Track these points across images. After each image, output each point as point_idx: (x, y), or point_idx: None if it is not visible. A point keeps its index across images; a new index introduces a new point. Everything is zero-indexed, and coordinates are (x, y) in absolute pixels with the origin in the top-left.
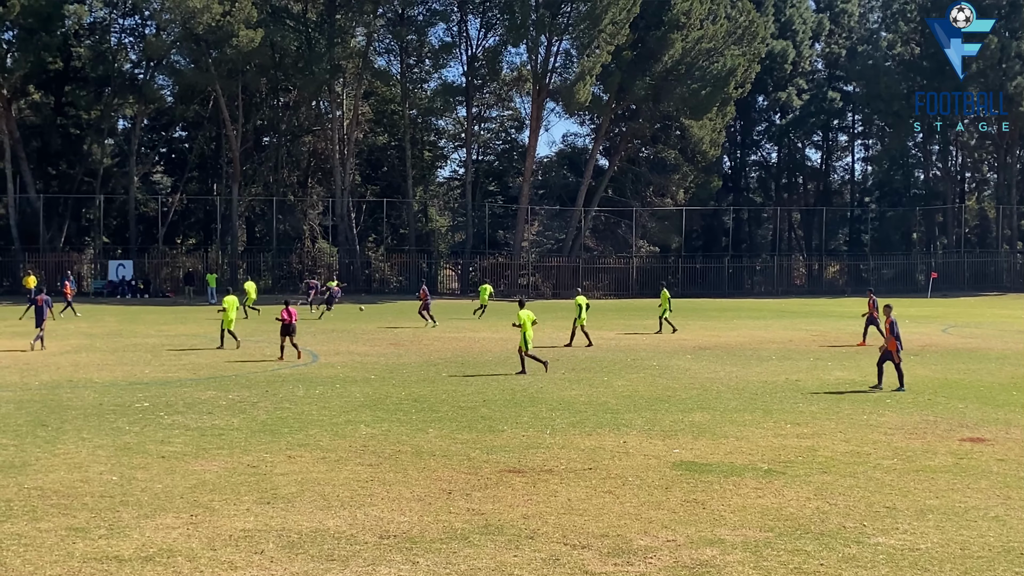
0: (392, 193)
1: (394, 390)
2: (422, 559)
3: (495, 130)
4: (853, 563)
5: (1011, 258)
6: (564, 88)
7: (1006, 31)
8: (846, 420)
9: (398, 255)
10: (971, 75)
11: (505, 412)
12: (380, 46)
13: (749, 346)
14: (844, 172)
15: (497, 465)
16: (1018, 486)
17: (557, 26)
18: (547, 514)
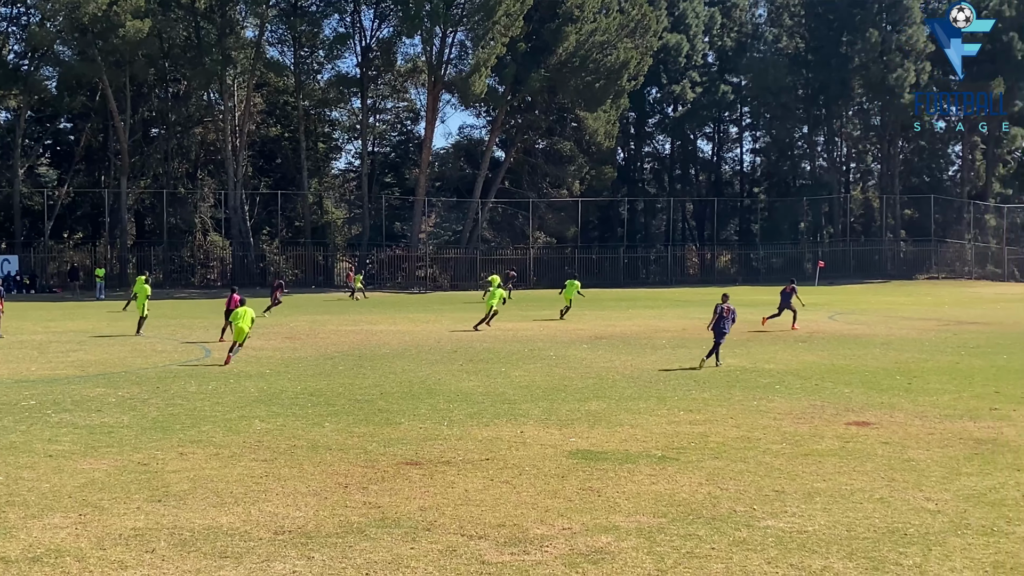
0: (286, 185)
1: (289, 384)
2: (317, 554)
3: (391, 122)
4: (743, 546)
5: (894, 246)
6: (460, 80)
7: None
8: (737, 406)
9: (293, 248)
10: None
11: (402, 404)
12: (272, 36)
13: (644, 335)
14: (735, 163)
15: (394, 458)
16: (902, 468)
17: (452, 17)
18: (444, 505)
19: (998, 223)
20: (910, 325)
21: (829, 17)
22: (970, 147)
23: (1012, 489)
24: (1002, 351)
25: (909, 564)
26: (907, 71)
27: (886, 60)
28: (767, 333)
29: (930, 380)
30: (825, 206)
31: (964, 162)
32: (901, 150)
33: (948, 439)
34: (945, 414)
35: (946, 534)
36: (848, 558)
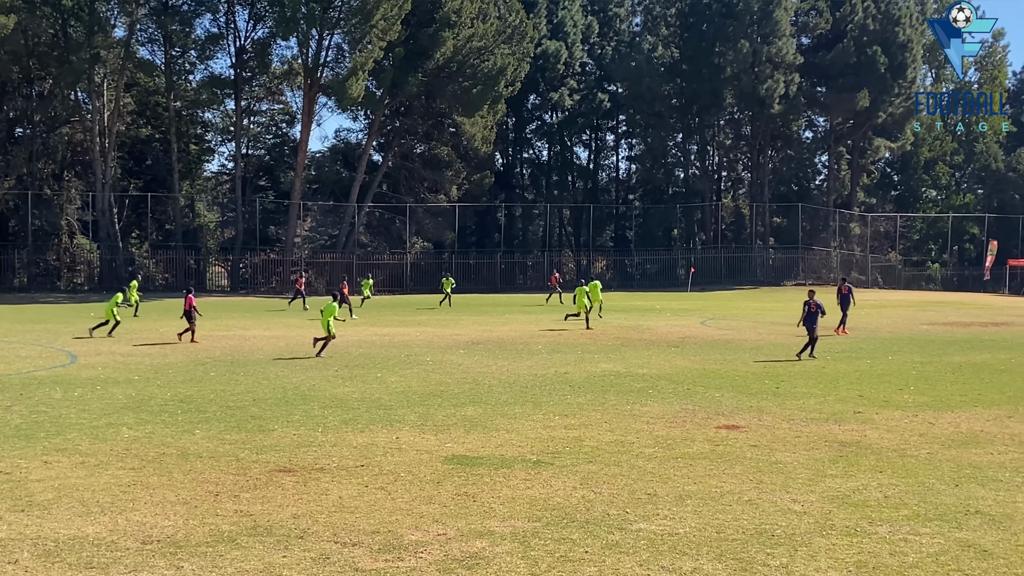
0: (157, 187)
1: (159, 391)
2: (187, 563)
3: (265, 124)
4: (616, 549)
5: (764, 253)
6: (336, 83)
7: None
8: (611, 411)
9: (164, 251)
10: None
11: (276, 411)
12: (143, 36)
13: (520, 340)
14: (611, 170)
15: (267, 465)
16: (770, 471)
17: (328, 20)
18: (318, 513)
19: (862, 231)
20: (778, 331)
21: (703, 28)
22: (836, 157)
23: (875, 490)
24: (865, 356)
25: (776, 564)
26: (777, 82)
27: (757, 71)
28: (641, 338)
29: (797, 384)
30: (698, 213)
31: (830, 172)
32: (770, 159)
33: (814, 442)
34: (811, 417)
35: (812, 535)
36: (718, 559)
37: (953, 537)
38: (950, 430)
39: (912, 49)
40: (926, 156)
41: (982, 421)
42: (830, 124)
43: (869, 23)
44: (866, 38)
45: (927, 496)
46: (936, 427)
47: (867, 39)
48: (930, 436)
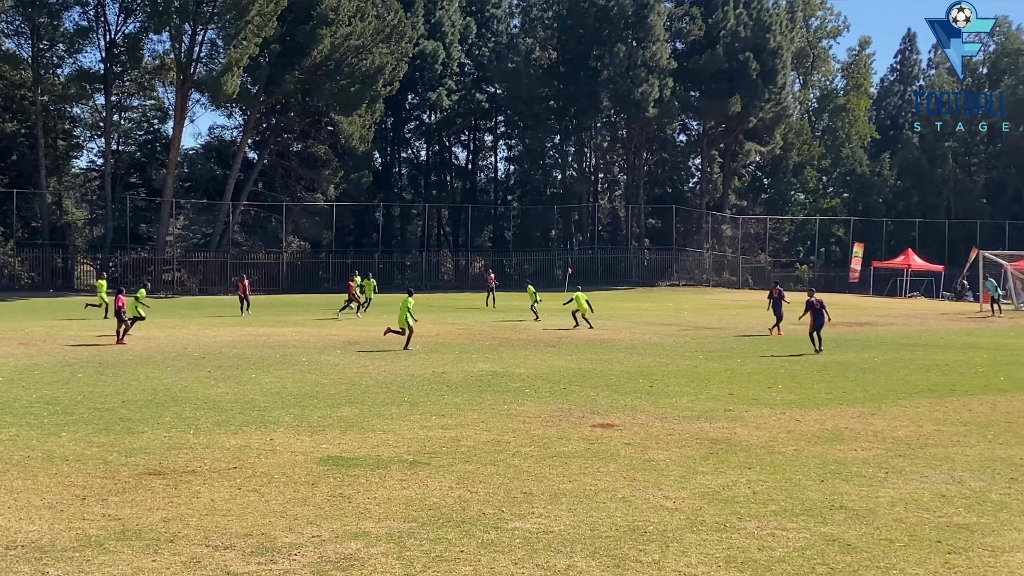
0: (23, 184)
1: (24, 392)
2: (52, 568)
3: (137, 120)
4: (491, 548)
5: (639, 254)
6: (210, 79)
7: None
8: (488, 410)
9: (30, 250)
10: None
11: (146, 413)
12: (9, 28)
13: (398, 340)
14: (489, 171)
15: (136, 468)
16: (643, 468)
17: (202, 15)
18: (189, 516)
19: (734, 233)
20: (653, 330)
21: (579, 31)
22: (709, 160)
23: (744, 487)
24: (736, 355)
25: (648, 561)
26: (651, 86)
27: (632, 75)
28: (519, 338)
29: (670, 383)
30: (575, 214)
31: (703, 174)
32: (646, 162)
33: (686, 439)
34: (684, 415)
35: (683, 531)
36: (591, 556)
37: (819, 531)
38: (816, 427)
39: (782, 56)
40: (795, 160)
41: (847, 418)
42: (703, 128)
43: (741, 30)
44: (738, 44)
45: (794, 492)
46: (803, 424)
47: (739, 45)
48: (797, 433)
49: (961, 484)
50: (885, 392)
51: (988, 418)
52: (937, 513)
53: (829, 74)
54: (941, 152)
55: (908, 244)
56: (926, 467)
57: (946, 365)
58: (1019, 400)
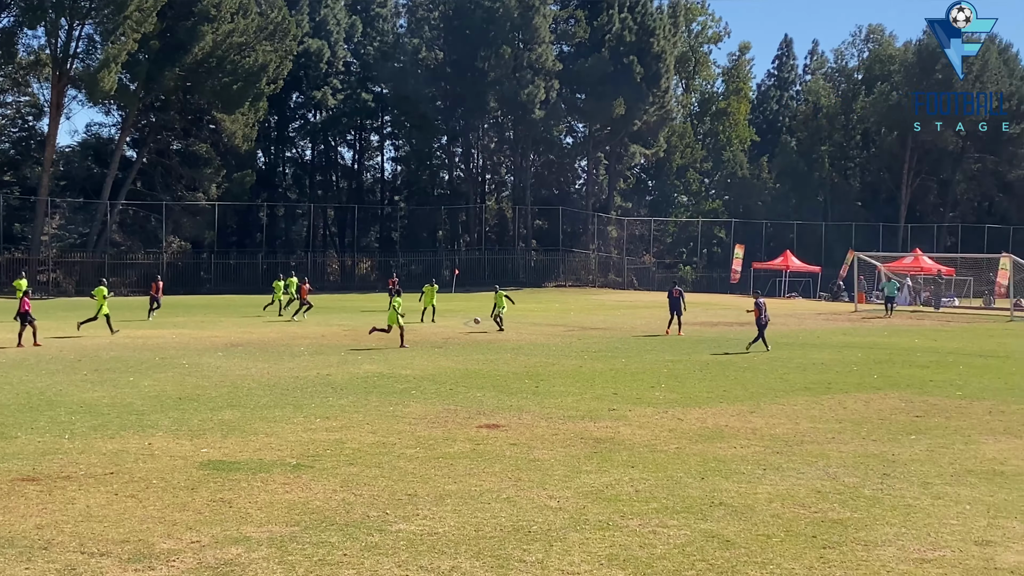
0: None
1: None
2: None
3: (11, 116)
4: (375, 551)
5: (526, 255)
6: (87, 75)
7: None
8: (373, 412)
9: None
10: (489, 82)
11: (19, 417)
12: None
13: (281, 342)
14: (376, 171)
15: (9, 474)
16: (528, 468)
17: (79, 9)
18: (63, 523)
19: (619, 234)
20: (539, 331)
21: (466, 32)
22: (595, 162)
23: (627, 485)
24: (620, 355)
25: (532, 560)
26: (538, 88)
27: (518, 76)
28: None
29: (556, 383)
30: (462, 215)
31: (589, 176)
32: (533, 163)
33: (571, 439)
34: (568, 415)
35: (567, 530)
36: (476, 557)
37: (699, 528)
38: (697, 425)
39: (666, 60)
40: (678, 163)
41: (727, 416)
42: (589, 130)
43: (626, 34)
44: (623, 48)
45: (675, 489)
46: (685, 423)
47: (624, 49)
48: (679, 431)
49: (836, 480)
50: (764, 390)
51: (862, 415)
52: (813, 509)
53: (710, 78)
54: (818, 156)
55: (787, 246)
56: (802, 464)
57: (822, 364)
58: (892, 397)
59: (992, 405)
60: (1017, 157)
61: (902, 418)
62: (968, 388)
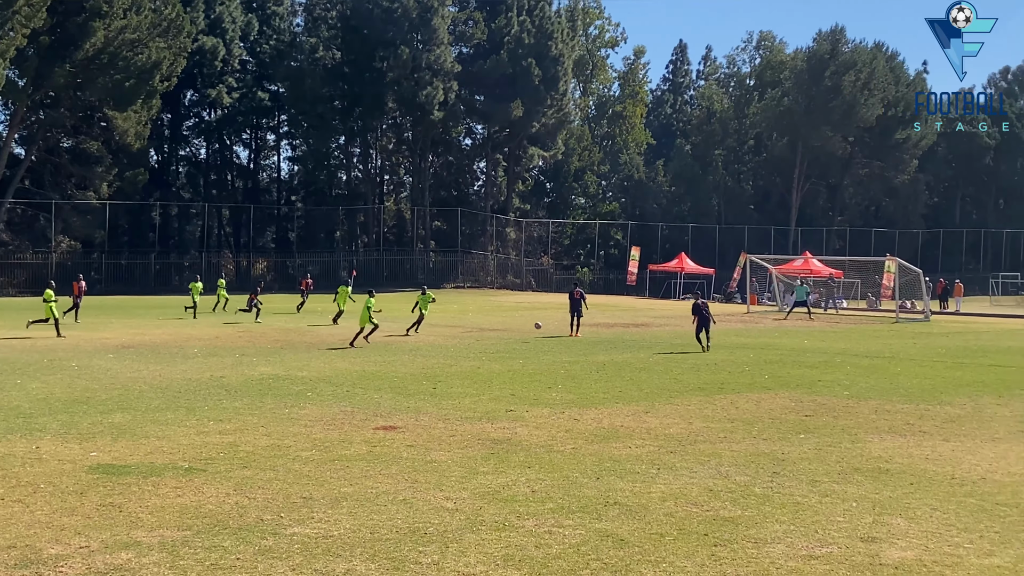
0: None
1: None
2: None
3: None
4: (269, 554)
5: (425, 256)
6: None
7: (418, 43)
8: (268, 415)
9: None
10: (388, 82)
11: None
12: None
13: (175, 343)
14: (272, 171)
15: None
16: (425, 470)
17: None
18: None
19: (517, 236)
20: (437, 332)
21: (364, 32)
22: (493, 164)
23: (523, 486)
24: (518, 356)
25: (427, 562)
26: (436, 89)
27: (417, 77)
28: (302, 341)
29: (453, 384)
30: (360, 216)
31: (488, 178)
32: (432, 164)
33: (468, 440)
34: (466, 416)
35: (463, 531)
36: (371, 560)
37: (594, 528)
38: (593, 426)
39: (564, 63)
40: (576, 165)
41: (622, 416)
42: (488, 132)
43: (524, 36)
44: (521, 50)
45: (571, 489)
46: (581, 423)
47: (522, 51)
48: (575, 432)
49: (727, 479)
50: (659, 391)
51: (753, 415)
52: (705, 507)
53: (607, 82)
54: (712, 160)
55: (682, 248)
56: (695, 463)
57: (715, 364)
58: (782, 397)
59: (878, 404)
60: (903, 163)
61: (792, 417)
62: (855, 388)
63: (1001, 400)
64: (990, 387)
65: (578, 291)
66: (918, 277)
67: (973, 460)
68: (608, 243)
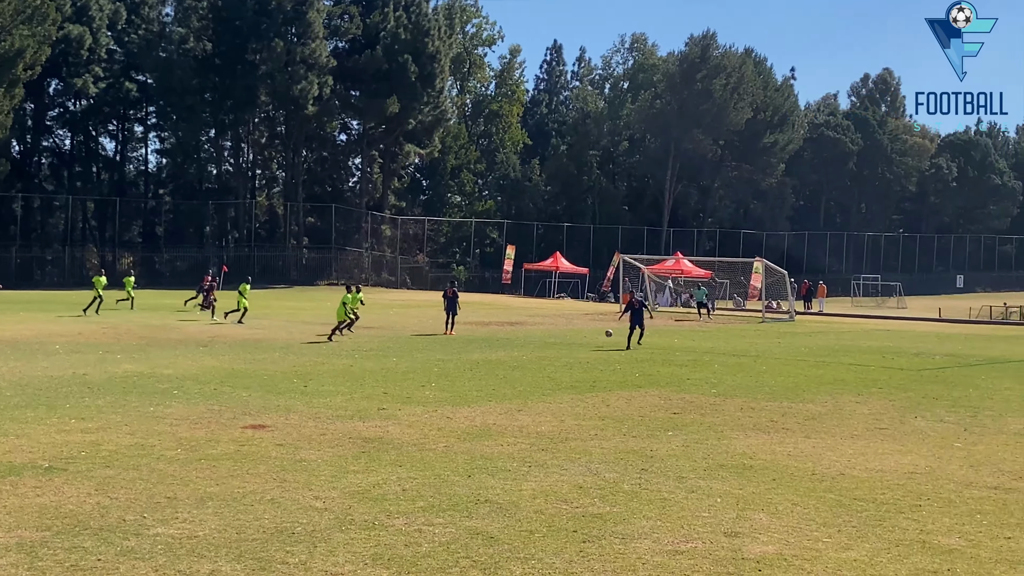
0: None
1: None
2: None
3: None
4: (131, 555)
5: (298, 253)
6: None
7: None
8: (133, 413)
9: None
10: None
11: None
12: None
13: (36, 340)
14: (140, 163)
15: None
16: (294, 469)
17: None
18: None
19: (393, 233)
20: (310, 330)
21: (236, 23)
22: (369, 160)
23: (394, 484)
24: (392, 354)
25: (295, 562)
26: (311, 83)
27: (291, 71)
28: (169, 338)
29: (325, 383)
30: (231, 211)
31: (363, 174)
32: (305, 159)
33: (339, 439)
34: (337, 415)
35: (331, 530)
36: (236, 560)
37: (464, 526)
38: (466, 424)
39: (440, 60)
40: (452, 163)
41: (495, 415)
42: (364, 128)
43: (400, 32)
44: (397, 46)
45: (442, 487)
46: (453, 421)
47: (398, 47)
48: (447, 430)
49: (597, 476)
50: (531, 389)
51: (624, 412)
52: (574, 504)
53: (484, 80)
54: (587, 160)
55: (557, 247)
56: (566, 460)
57: (588, 363)
58: (652, 395)
59: (743, 402)
60: (770, 166)
61: (661, 415)
62: (722, 386)
63: (860, 398)
64: (850, 385)
65: (452, 289)
66: (784, 278)
67: (833, 456)
68: (484, 241)
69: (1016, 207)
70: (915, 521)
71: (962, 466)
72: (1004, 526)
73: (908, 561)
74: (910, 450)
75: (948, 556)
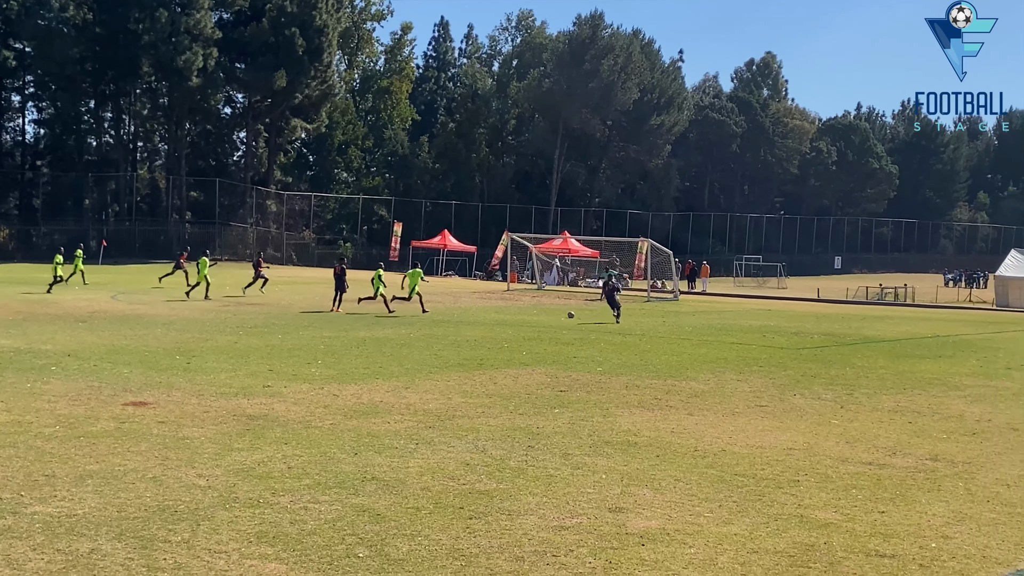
0: None
1: None
2: None
3: None
4: (8, 534)
5: (180, 227)
6: None
7: (177, 6)
8: (9, 389)
9: None
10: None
11: None
12: None
13: None
14: (16, 133)
15: None
16: (176, 447)
17: None
18: None
19: (279, 208)
20: (193, 306)
21: None
22: (255, 135)
23: (279, 462)
24: (277, 331)
25: (178, 540)
26: (195, 55)
27: (175, 42)
28: (46, 313)
29: (209, 359)
30: (111, 184)
31: (249, 149)
32: (189, 132)
33: (223, 416)
34: (221, 392)
35: (215, 508)
36: (117, 539)
37: (350, 503)
38: (353, 401)
39: (328, 35)
40: (340, 139)
41: (382, 392)
42: (249, 101)
43: (287, 4)
44: (284, 19)
45: (328, 465)
46: (340, 399)
47: (285, 20)
48: (334, 407)
49: (484, 453)
50: (419, 366)
51: (511, 390)
52: (461, 481)
53: (373, 56)
54: (475, 138)
55: (445, 225)
56: (453, 437)
57: (475, 341)
58: (539, 373)
59: (628, 380)
60: (656, 147)
61: (547, 392)
62: (608, 364)
63: (741, 376)
64: (731, 364)
65: (340, 266)
66: (668, 258)
67: (714, 433)
68: (372, 218)
69: (893, 190)
70: (793, 496)
71: (838, 442)
72: (878, 500)
73: (786, 535)
74: (789, 427)
75: (824, 530)
